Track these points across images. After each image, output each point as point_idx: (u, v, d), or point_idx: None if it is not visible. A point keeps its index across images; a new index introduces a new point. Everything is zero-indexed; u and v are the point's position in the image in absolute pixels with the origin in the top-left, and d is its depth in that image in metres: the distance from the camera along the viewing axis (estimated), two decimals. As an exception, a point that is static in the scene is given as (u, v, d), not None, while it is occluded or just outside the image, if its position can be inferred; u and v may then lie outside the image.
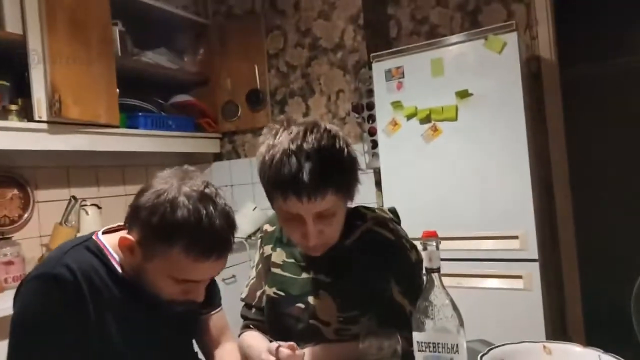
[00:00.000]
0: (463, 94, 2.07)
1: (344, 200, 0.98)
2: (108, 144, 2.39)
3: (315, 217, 0.94)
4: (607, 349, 0.82)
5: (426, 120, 2.15)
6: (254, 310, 1.19)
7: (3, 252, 1.98)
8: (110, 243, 0.95)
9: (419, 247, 0.89)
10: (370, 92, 2.53)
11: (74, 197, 2.42)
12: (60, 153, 2.23)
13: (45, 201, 2.38)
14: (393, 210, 1.16)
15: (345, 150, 0.95)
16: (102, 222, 2.48)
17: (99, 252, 0.92)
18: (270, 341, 1.01)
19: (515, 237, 1.99)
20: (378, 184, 2.48)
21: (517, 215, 2.00)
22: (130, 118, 2.58)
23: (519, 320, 1.92)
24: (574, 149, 2.54)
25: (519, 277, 1.98)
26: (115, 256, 0.93)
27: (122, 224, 1.02)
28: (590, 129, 3.21)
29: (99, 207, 2.50)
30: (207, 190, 0.88)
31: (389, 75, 2.25)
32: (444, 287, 0.82)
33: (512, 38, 2.01)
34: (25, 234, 2.26)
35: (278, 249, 1.15)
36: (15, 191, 2.26)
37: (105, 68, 2.32)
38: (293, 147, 0.90)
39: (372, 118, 2.52)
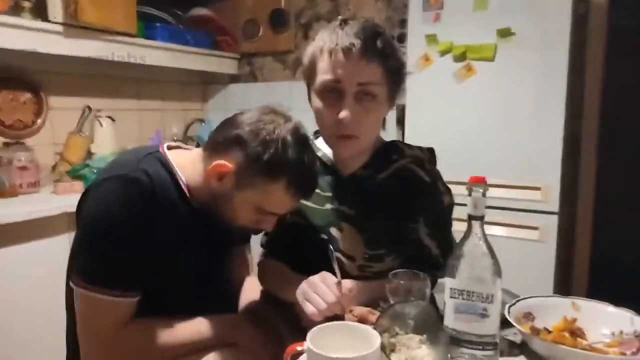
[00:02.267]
0: (504, 33, 1.93)
1: (387, 90, 0.94)
2: (124, 54, 2.29)
3: (355, 93, 0.91)
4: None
5: (461, 57, 2.02)
6: (273, 238, 1.17)
7: (17, 157, 1.96)
8: (176, 161, 0.93)
9: (464, 192, 0.84)
10: (403, 23, 2.38)
11: (88, 107, 2.36)
12: (75, 59, 2.14)
13: (59, 108, 2.32)
14: (431, 151, 1.10)
15: (396, 44, 0.95)
16: (116, 134, 2.45)
17: (168, 167, 0.91)
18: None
19: (538, 189, 1.95)
20: (400, 121, 2.39)
21: (542, 167, 1.93)
22: (147, 28, 2.45)
23: (529, 270, 1.91)
24: (609, 102, 2.41)
25: (536, 228, 1.95)
26: (181, 175, 0.92)
27: (181, 143, 1.02)
28: (631, 84, 3.03)
29: (113, 120, 2.44)
30: (304, 132, 0.91)
31: (426, 5, 2.09)
32: (485, 235, 0.78)
33: (565, -25, 1.83)
34: (38, 140, 2.23)
35: None
36: (29, 95, 2.20)
37: (124, -29, 2.17)
38: (344, 19, 0.93)
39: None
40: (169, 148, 0.97)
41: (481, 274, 0.77)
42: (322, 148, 1.07)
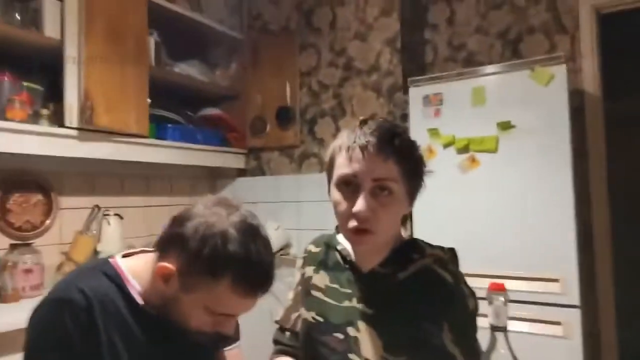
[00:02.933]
0: (505, 126, 1.99)
1: (404, 188, 0.93)
2: (136, 154, 2.36)
3: (371, 189, 0.90)
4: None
5: (464, 150, 2.07)
6: (287, 334, 1.12)
7: (23, 260, 1.94)
8: (129, 268, 0.90)
9: (477, 284, 0.81)
10: (405, 117, 2.47)
11: (97, 206, 2.38)
12: (87, 160, 2.20)
13: (68, 208, 2.34)
14: (452, 250, 1.07)
15: (415, 142, 0.97)
16: (123, 232, 2.44)
17: (115, 278, 0.88)
18: None
19: (556, 280, 1.88)
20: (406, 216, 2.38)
21: (558, 257, 1.89)
22: (159, 129, 2.55)
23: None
24: (616, 188, 2.42)
25: (558, 323, 1.86)
26: (133, 283, 0.88)
27: (143, 248, 0.99)
28: (635, 168, 3.06)
29: (121, 217, 2.45)
30: (253, 222, 0.85)
31: (426, 101, 2.18)
32: (510, 347, 0.73)
33: (560, 70, 1.93)
34: (45, 240, 2.22)
35: (321, 272, 1.08)
36: (40, 197, 2.23)
37: (139, 77, 2.30)
38: (363, 123, 0.95)
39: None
40: (129, 255, 0.94)
41: (510, 391, 0.71)
42: (343, 242, 1.06)
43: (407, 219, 1.04)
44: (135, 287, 0.88)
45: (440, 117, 2.15)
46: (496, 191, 2.01)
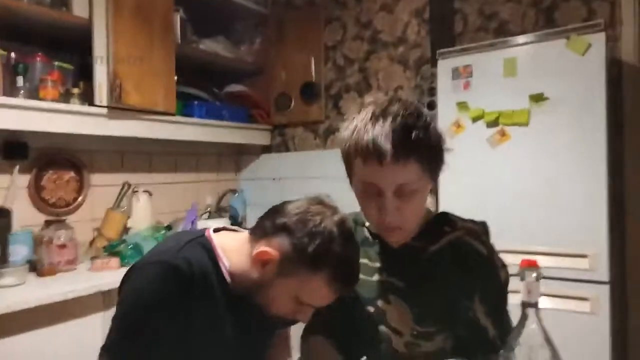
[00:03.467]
0: (537, 98, 1.91)
1: (427, 178, 0.90)
2: (163, 132, 2.39)
3: (394, 191, 0.87)
4: None
5: (494, 123, 2.01)
6: (317, 311, 1.12)
7: (57, 235, 2.01)
8: (221, 245, 0.94)
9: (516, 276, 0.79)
10: (432, 90, 2.41)
11: (127, 183, 2.43)
12: (116, 138, 2.24)
13: (99, 185, 2.40)
14: (484, 224, 1.06)
15: (431, 123, 0.90)
16: (152, 209, 2.50)
17: (211, 253, 0.92)
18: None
19: (584, 256, 1.84)
20: (432, 189, 2.35)
21: (588, 233, 1.83)
22: (186, 106, 2.57)
23: (582, 345, 1.76)
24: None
25: (586, 299, 1.82)
26: (224, 260, 0.93)
27: (226, 226, 1.03)
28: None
29: (150, 194, 2.50)
30: (349, 225, 0.92)
31: (456, 73, 2.12)
32: (541, 324, 0.71)
33: (598, 39, 1.83)
34: (78, 216, 2.30)
35: None
36: (72, 174, 2.29)
37: (166, 56, 2.31)
38: (377, 111, 0.87)
39: (433, 118, 2.39)
40: (215, 231, 0.98)
41: (541, 368, 0.70)
42: None
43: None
44: (225, 265, 0.92)
45: (469, 90, 2.09)
46: (527, 166, 1.95)
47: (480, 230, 1.02)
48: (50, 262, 1.94)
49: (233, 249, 0.94)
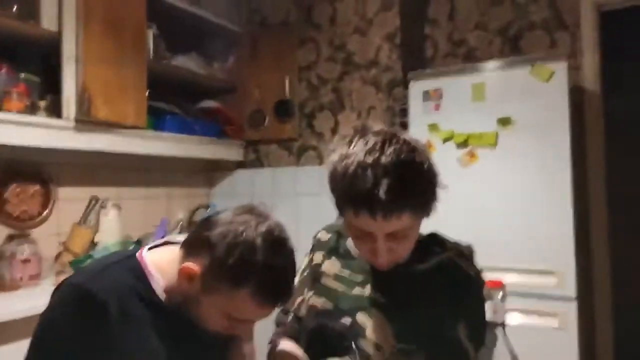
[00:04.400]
0: (505, 121, 1.99)
1: (420, 219, 0.91)
2: (134, 146, 2.35)
3: (387, 236, 0.87)
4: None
5: (463, 145, 2.08)
6: (290, 317, 1.11)
7: (21, 250, 1.94)
8: (154, 262, 0.91)
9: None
10: (404, 112, 2.46)
11: (95, 197, 2.38)
12: (85, 152, 2.19)
13: (66, 199, 2.34)
14: (470, 247, 1.07)
15: (426, 164, 0.87)
16: (121, 223, 2.44)
17: (140, 274, 0.89)
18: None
19: (552, 273, 1.90)
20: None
21: (555, 250, 1.90)
22: (157, 121, 2.54)
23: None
24: (615, 187, 2.42)
25: (554, 315, 1.87)
26: (157, 278, 0.90)
27: (167, 240, 0.99)
28: (634, 166, 3.06)
29: (119, 208, 2.45)
30: (281, 234, 0.87)
31: (426, 96, 2.18)
32: (509, 342, 0.73)
33: (560, 67, 1.93)
34: (43, 231, 2.22)
35: (333, 258, 1.08)
36: (38, 187, 2.23)
37: (137, 70, 2.29)
38: (369, 160, 0.83)
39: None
40: (155, 246, 0.95)
41: (507, 386, 0.71)
42: None
43: None
44: (159, 283, 0.89)
45: (439, 112, 2.15)
46: (495, 186, 2.02)
47: (467, 251, 1.04)
48: (12, 278, 1.87)
49: (166, 264, 0.90)
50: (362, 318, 0.97)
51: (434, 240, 1.02)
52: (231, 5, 3.13)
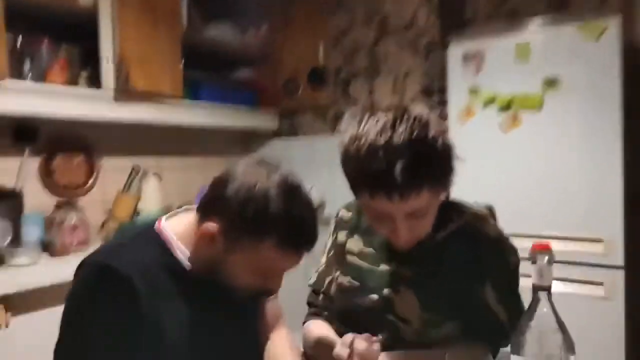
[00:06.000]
0: (551, 83, 1.89)
1: (439, 194, 0.89)
2: (171, 116, 2.39)
3: (406, 215, 0.85)
4: None
5: (506, 108, 1.99)
6: (321, 297, 1.13)
7: (69, 217, 2.03)
8: (175, 231, 0.89)
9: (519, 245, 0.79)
10: (442, 75, 2.38)
11: (137, 166, 2.44)
12: (125, 122, 2.24)
13: (109, 168, 2.42)
14: (490, 208, 1.05)
15: (440, 139, 0.84)
16: (161, 192, 2.51)
17: (160, 244, 0.87)
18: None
19: (599, 241, 1.83)
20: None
21: (603, 218, 1.83)
22: (193, 90, 2.56)
23: (596, 330, 1.77)
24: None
25: (600, 284, 1.82)
26: (180, 246, 0.88)
27: (187, 206, 0.97)
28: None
29: (160, 177, 2.51)
30: (294, 181, 0.84)
31: (466, 58, 2.09)
32: (554, 308, 0.71)
33: (613, 23, 1.80)
34: (89, 199, 2.31)
35: (355, 236, 1.08)
36: (82, 157, 2.30)
37: (172, 40, 2.30)
38: (381, 140, 0.81)
39: (442, 103, 2.37)
40: (173, 215, 0.93)
41: (552, 351, 0.70)
42: None
43: None
44: (183, 251, 0.87)
45: (480, 75, 2.06)
46: (540, 151, 1.94)
47: (487, 214, 1.02)
48: (62, 243, 1.96)
49: (186, 231, 0.88)
50: (389, 293, 0.97)
51: (451, 207, 1.00)
52: (264, -29, 3.07)
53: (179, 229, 0.89)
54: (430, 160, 0.82)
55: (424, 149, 0.81)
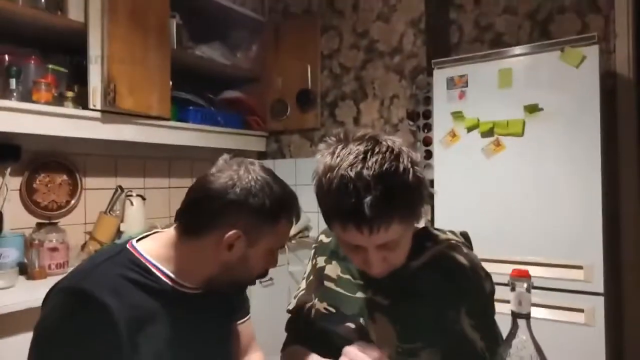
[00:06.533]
0: (532, 109, 1.92)
1: (410, 226, 0.89)
2: (158, 136, 2.38)
3: (378, 247, 0.85)
4: None
5: (489, 133, 2.02)
6: (301, 323, 1.11)
7: (49, 238, 1.99)
8: (153, 251, 0.89)
9: (499, 270, 0.79)
10: (428, 100, 2.42)
11: (120, 187, 2.42)
12: (110, 142, 2.23)
13: (92, 189, 2.39)
14: (465, 235, 1.05)
15: (410, 171, 0.83)
16: (145, 213, 2.48)
17: (133, 264, 0.87)
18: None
19: (579, 267, 1.84)
20: (429, 197, 2.35)
21: (583, 243, 1.84)
22: (181, 111, 2.56)
23: (576, 358, 1.76)
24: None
25: (581, 310, 1.82)
26: (155, 264, 0.88)
27: (157, 230, 0.99)
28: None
29: (144, 198, 2.49)
30: (264, 165, 0.95)
31: (450, 83, 2.13)
32: (532, 335, 0.71)
33: (592, 51, 1.85)
34: (70, 220, 2.27)
35: (333, 262, 1.07)
36: (65, 177, 2.28)
37: (161, 60, 2.31)
38: (352, 173, 0.80)
39: (427, 127, 2.40)
40: (141, 239, 0.94)
41: (532, 380, 0.69)
42: None
43: None
44: (163, 270, 0.88)
45: (464, 100, 2.10)
46: (521, 176, 1.96)
47: (461, 241, 1.02)
48: (40, 265, 1.92)
49: (166, 251, 0.89)
50: (365, 322, 0.96)
51: (425, 235, 1.00)
52: (253, -6, 3.12)
53: (157, 250, 0.89)
54: (401, 193, 0.81)
55: (394, 182, 0.81)
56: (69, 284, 0.82)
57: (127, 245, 0.91)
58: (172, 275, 0.88)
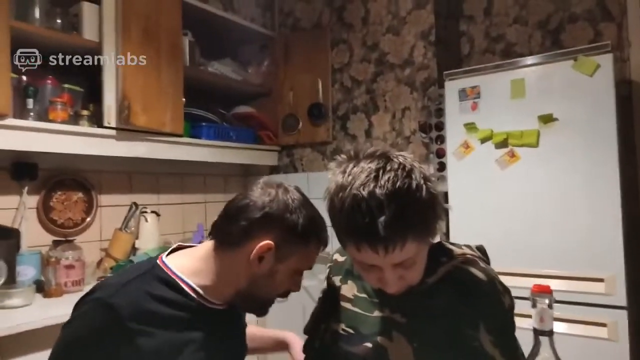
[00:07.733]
0: (546, 119, 1.90)
1: (426, 243, 0.87)
2: (171, 153, 2.40)
3: (394, 266, 0.84)
4: None
5: (503, 144, 1.99)
6: (317, 344, 1.09)
7: (65, 256, 2.01)
8: (179, 267, 0.92)
9: (518, 284, 0.77)
10: (440, 112, 2.41)
11: (135, 203, 2.44)
12: (125, 159, 2.25)
13: (107, 206, 2.41)
14: (481, 249, 1.03)
15: (424, 188, 0.81)
16: (160, 229, 2.49)
17: (169, 281, 0.89)
18: None
19: (600, 280, 1.79)
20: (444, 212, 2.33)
21: (603, 256, 1.79)
22: (193, 127, 2.58)
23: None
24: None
25: (604, 325, 1.77)
26: (186, 280, 0.91)
27: (182, 244, 1.02)
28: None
29: (158, 215, 2.50)
30: (300, 190, 0.99)
31: (463, 94, 2.12)
32: (555, 353, 0.69)
33: (606, 60, 1.82)
34: (86, 237, 2.30)
35: (349, 282, 1.05)
36: (80, 194, 2.30)
37: (174, 77, 2.33)
38: (364, 192, 0.79)
39: (440, 139, 2.39)
40: (171, 252, 0.97)
41: (556, 399, 0.67)
42: None
43: None
44: (193, 284, 0.90)
45: (477, 111, 2.08)
46: (537, 187, 1.93)
47: (477, 256, 1.00)
48: (57, 283, 1.93)
49: (198, 266, 0.93)
50: (383, 341, 0.94)
51: (440, 250, 0.98)
52: (264, 10, 3.16)
53: (187, 265, 0.92)
54: (415, 211, 0.80)
55: (408, 200, 0.79)
56: (98, 296, 0.85)
57: (158, 261, 0.93)
58: (200, 291, 0.91)
